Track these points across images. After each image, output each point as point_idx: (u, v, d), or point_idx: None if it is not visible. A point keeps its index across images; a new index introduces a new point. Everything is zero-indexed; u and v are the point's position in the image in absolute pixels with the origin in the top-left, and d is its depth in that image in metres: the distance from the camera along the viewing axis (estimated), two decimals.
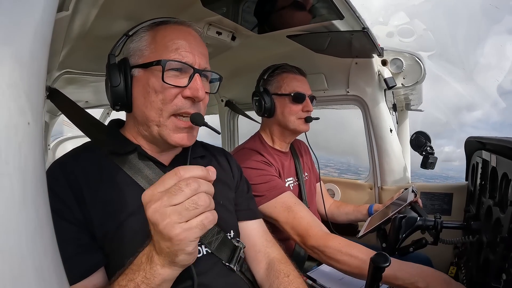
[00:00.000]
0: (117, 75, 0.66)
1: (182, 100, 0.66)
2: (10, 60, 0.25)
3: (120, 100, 0.67)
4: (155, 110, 0.65)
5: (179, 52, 0.66)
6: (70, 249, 0.57)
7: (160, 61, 0.63)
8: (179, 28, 0.70)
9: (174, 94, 0.65)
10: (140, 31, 0.69)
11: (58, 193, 0.59)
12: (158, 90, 0.65)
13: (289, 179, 1.28)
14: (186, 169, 0.47)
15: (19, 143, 0.25)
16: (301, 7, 1.05)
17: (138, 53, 0.68)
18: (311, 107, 1.23)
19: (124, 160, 0.68)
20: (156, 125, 0.66)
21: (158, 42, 0.67)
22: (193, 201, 0.46)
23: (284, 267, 0.81)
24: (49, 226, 0.30)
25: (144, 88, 0.66)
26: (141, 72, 0.67)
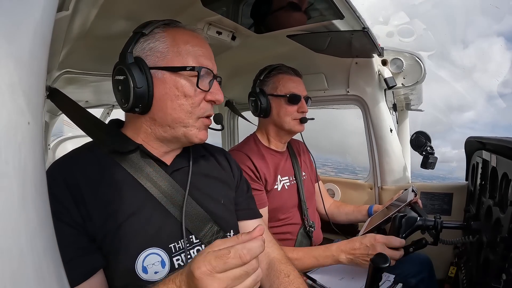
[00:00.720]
0: (140, 75, 0.64)
1: (206, 104, 0.71)
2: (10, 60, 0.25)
3: (141, 102, 0.65)
4: (184, 113, 0.68)
5: (201, 59, 0.69)
6: (70, 251, 0.56)
7: (194, 67, 0.66)
8: (194, 35, 0.72)
9: (201, 98, 0.69)
10: (156, 31, 0.68)
11: (56, 195, 0.59)
12: (188, 94, 0.67)
13: (284, 178, 1.28)
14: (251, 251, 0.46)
15: (19, 143, 0.25)
16: (301, 7, 1.05)
17: (157, 54, 0.67)
18: (306, 108, 1.25)
19: (126, 159, 0.68)
20: (184, 126, 0.69)
21: (181, 46, 0.68)
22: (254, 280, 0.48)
23: (284, 267, 0.81)
24: (49, 226, 0.30)
25: (172, 91, 0.66)
26: (167, 74, 0.66)
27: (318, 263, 1.03)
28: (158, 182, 0.69)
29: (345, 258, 0.99)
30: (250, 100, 1.27)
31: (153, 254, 0.63)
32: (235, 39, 1.23)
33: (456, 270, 1.22)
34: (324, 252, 1.02)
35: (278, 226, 1.23)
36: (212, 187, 0.80)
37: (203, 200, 0.74)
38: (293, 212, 1.28)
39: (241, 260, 0.45)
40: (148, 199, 0.67)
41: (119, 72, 0.66)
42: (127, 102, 0.65)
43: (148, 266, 0.62)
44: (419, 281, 1.13)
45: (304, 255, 1.05)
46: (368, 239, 0.95)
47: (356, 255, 0.96)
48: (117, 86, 0.68)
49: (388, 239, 0.93)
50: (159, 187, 0.69)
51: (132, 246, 0.62)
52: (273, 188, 1.22)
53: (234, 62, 1.63)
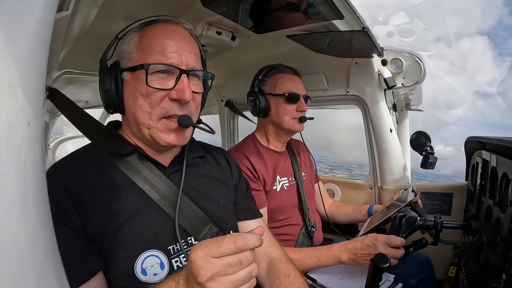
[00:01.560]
0: (107, 79, 0.66)
1: (170, 103, 0.65)
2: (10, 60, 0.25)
3: (112, 104, 0.68)
4: (144, 113, 0.65)
5: (164, 53, 0.65)
6: (69, 253, 0.56)
7: (143, 65, 0.63)
8: (166, 27, 0.68)
9: (160, 97, 0.65)
10: (129, 33, 0.69)
11: (55, 198, 0.58)
12: (144, 94, 0.64)
13: (283, 178, 1.28)
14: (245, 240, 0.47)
15: (19, 143, 0.25)
16: (301, 7, 1.05)
17: (127, 56, 0.67)
18: (305, 107, 1.24)
19: (124, 161, 0.68)
20: (147, 127, 0.66)
21: (145, 44, 0.66)
22: (248, 272, 0.48)
23: (284, 267, 0.80)
24: (49, 226, 0.30)
25: (133, 92, 0.66)
26: (130, 75, 0.67)
27: (320, 263, 1.03)
28: (156, 184, 0.69)
29: (347, 258, 0.99)
30: (249, 99, 1.27)
31: (152, 256, 0.63)
32: (235, 39, 1.23)
33: (456, 270, 1.22)
34: (326, 252, 1.02)
35: (278, 227, 1.23)
36: (211, 188, 0.79)
37: (202, 201, 0.74)
38: (292, 212, 1.28)
39: (235, 245, 0.46)
40: (146, 201, 0.67)
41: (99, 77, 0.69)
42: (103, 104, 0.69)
43: (147, 268, 0.62)
44: (419, 281, 1.13)
45: (306, 256, 1.05)
46: (369, 238, 0.96)
47: (358, 254, 0.97)
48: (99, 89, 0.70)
49: (389, 238, 0.93)
50: (157, 189, 0.68)
51: (131, 248, 0.62)
52: (272, 189, 1.22)
53: (234, 62, 1.63)
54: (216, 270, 0.45)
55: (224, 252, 0.46)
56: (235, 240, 0.46)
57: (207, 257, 0.46)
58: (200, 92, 0.71)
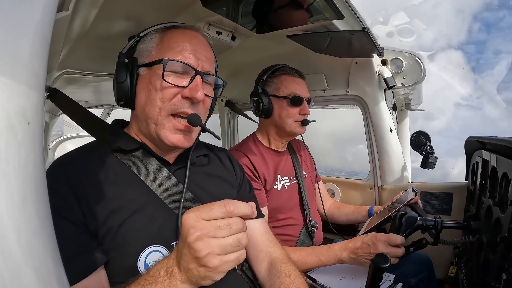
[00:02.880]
0: (123, 72, 0.69)
1: (181, 100, 0.67)
2: (10, 60, 0.25)
3: (124, 96, 0.70)
4: (154, 107, 0.67)
5: (182, 54, 0.67)
6: (70, 248, 0.56)
7: (162, 59, 0.65)
8: (186, 32, 0.72)
9: (173, 93, 0.66)
10: (150, 33, 0.72)
11: (58, 191, 0.59)
12: (158, 88, 0.66)
13: (284, 178, 1.28)
14: (235, 205, 0.48)
15: (19, 143, 0.25)
16: (301, 7, 1.05)
17: (145, 53, 0.70)
18: (308, 111, 1.25)
19: (129, 158, 0.69)
20: (154, 123, 0.67)
21: (164, 44, 0.69)
22: (237, 239, 0.48)
23: (285, 267, 0.81)
24: (49, 226, 0.30)
25: (146, 86, 0.68)
26: (146, 70, 0.69)
27: (321, 262, 1.03)
28: (161, 181, 0.69)
29: (347, 257, 0.99)
30: (252, 100, 1.27)
31: (155, 251, 0.63)
32: (235, 39, 1.23)
33: (456, 270, 1.22)
34: (327, 252, 1.03)
35: (278, 227, 1.23)
36: (215, 186, 0.80)
37: (205, 198, 0.75)
38: (294, 212, 1.28)
39: (225, 208, 0.47)
40: (151, 197, 0.67)
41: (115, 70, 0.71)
42: (114, 96, 0.70)
43: (150, 264, 0.62)
44: (419, 281, 1.13)
45: (307, 255, 1.05)
46: (369, 237, 0.96)
47: (358, 254, 0.97)
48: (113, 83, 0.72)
49: (389, 237, 0.93)
50: (162, 186, 0.69)
51: (135, 243, 0.62)
52: (273, 188, 1.22)
53: (234, 62, 1.63)
54: (205, 230, 0.46)
55: (214, 215, 0.47)
56: (226, 204, 0.48)
57: (198, 218, 0.47)
58: (211, 96, 0.74)
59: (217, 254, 0.47)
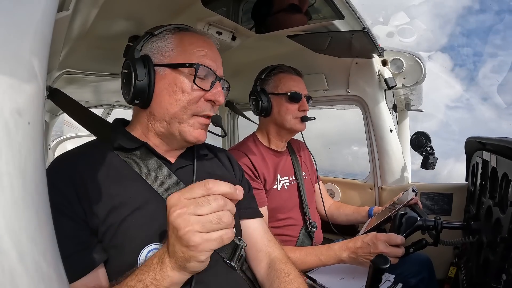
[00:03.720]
0: (142, 69, 0.68)
1: (205, 103, 0.71)
2: (10, 60, 0.25)
3: (141, 95, 0.69)
4: (180, 108, 0.69)
5: (205, 60, 0.70)
6: (70, 246, 0.57)
7: (193, 64, 0.68)
8: (202, 38, 0.74)
9: (199, 96, 0.70)
10: (164, 32, 0.73)
11: (59, 187, 0.59)
12: (186, 90, 0.69)
13: (284, 178, 1.28)
14: (216, 183, 0.49)
15: (19, 143, 0.25)
16: (301, 7, 1.05)
17: (163, 52, 0.71)
18: (307, 107, 1.25)
19: (130, 156, 0.70)
20: (178, 122, 0.70)
21: (186, 47, 0.71)
22: (218, 216, 0.48)
23: (284, 266, 0.81)
24: (49, 226, 0.30)
25: (171, 87, 0.69)
26: (168, 71, 0.70)
27: (321, 262, 1.03)
28: (162, 179, 0.70)
29: (347, 256, 0.99)
30: (251, 99, 1.27)
31: (156, 249, 0.63)
32: (235, 40, 1.23)
33: (456, 270, 1.22)
34: (327, 251, 1.02)
35: (278, 227, 1.23)
36: None
37: None
38: (293, 212, 1.28)
39: (204, 186, 0.49)
40: (152, 195, 0.68)
41: (126, 66, 0.71)
42: (128, 94, 0.69)
43: None
44: (419, 281, 1.13)
45: (306, 255, 1.05)
46: (369, 237, 0.96)
47: (358, 253, 0.96)
48: (123, 79, 0.72)
49: (389, 237, 0.93)
50: (163, 184, 0.69)
51: (135, 241, 0.62)
52: (272, 188, 1.22)
53: (234, 62, 1.63)
54: (184, 208, 0.47)
55: (195, 193, 0.48)
56: (206, 182, 0.49)
57: (180, 197, 0.49)
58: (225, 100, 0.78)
59: (197, 231, 0.47)
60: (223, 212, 0.49)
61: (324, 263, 1.03)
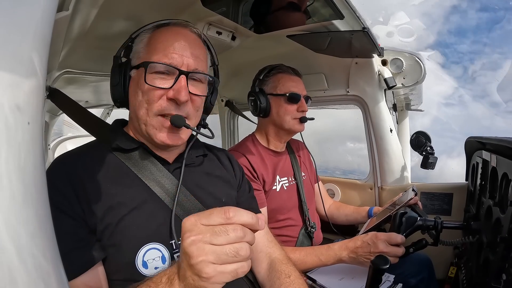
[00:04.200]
0: (116, 75, 0.71)
1: (167, 102, 0.67)
2: (10, 60, 0.25)
3: (118, 97, 0.72)
4: (142, 109, 0.68)
5: (165, 54, 0.66)
6: (69, 243, 0.57)
7: (143, 63, 0.66)
8: (174, 29, 0.70)
9: (158, 95, 0.67)
10: (142, 33, 0.72)
11: (58, 187, 0.60)
12: (143, 91, 0.67)
13: (283, 179, 1.28)
14: (237, 212, 0.46)
15: (19, 143, 0.25)
16: (301, 7, 1.05)
17: (136, 55, 0.71)
18: (306, 107, 1.24)
19: (129, 157, 0.70)
20: (144, 123, 0.68)
21: (151, 45, 0.69)
22: (235, 248, 0.44)
23: (285, 267, 0.81)
24: (48, 224, 0.30)
25: (135, 88, 0.69)
26: (135, 72, 0.70)
27: (321, 262, 1.03)
28: (159, 180, 0.70)
29: (347, 256, 0.99)
30: (250, 99, 1.27)
31: (153, 249, 0.64)
32: (235, 39, 1.23)
33: (456, 270, 1.22)
34: (327, 251, 1.02)
35: (278, 228, 1.23)
36: (214, 185, 0.80)
37: (205, 198, 0.75)
38: (292, 213, 1.28)
39: (224, 214, 0.45)
40: (150, 195, 0.68)
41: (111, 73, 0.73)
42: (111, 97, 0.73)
43: (148, 261, 0.62)
44: (419, 281, 1.13)
45: (306, 255, 1.05)
46: (369, 236, 0.95)
47: (358, 253, 0.96)
48: None
49: (389, 236, 0.93)
50: (161, 184, 0.69)
51: (133, 240, 0.62)
52: (272, 189, 1.22)
53: (234, 62, 1.63)
54: (200, 235, 0.44)
55: (213, 220, 0.45)
56: (226, 209, 0.45)
57: (196, 222, 0.45)
58: (201, 95, 0.72)
59: (211, 262, 0.43)
60: (241, 244, 0.45)
61: (324, 263, 1.03)
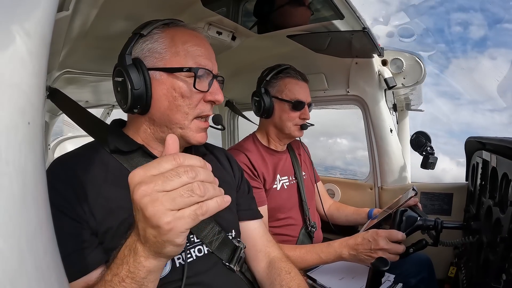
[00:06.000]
0: (137, 76, 0.65)
1: (204, 104, 0.70)
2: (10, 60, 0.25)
3: (139, 103, 0.66)
4: (181, 113, 0.67)
5: (201, 59, 0.68)
6: (70, 245, 0.56)
7: (191, 68, 0.66)
8: (194, 34, 0.71)
9: (199, 99, 0.69)
10: (154, 31, 0.68)
11: (59, 189, 0.59)
12: (186, 95, 0.67)
13: (283, 178, 1.28)
14: (185, 156, 0.44)
15: (19, 143, 0.25)
16: (301, 7, 1.05)
17: (155, 55, 0.67)
18: (309, 115, 1.26)
19: (128, 159, 0.69)
20: (180, 127, 0.69)
21: (180, 47, 0.67)
22: (188, 188, 0.41)
23: (285, 265, 0.81)
24: (49, 226, 0.30)
25: (169, 92, 0.67)
26: (164, 75, 0.67)
27: (321, 259, 1.02)
28: None
29: (347, 253, 0.98)
30: (254, 99, 1.27)
31: None
32: (235, 39, 1.23)
33: (456, 270, 1.22)
34: (327, 249, 1.02)
35: (278, 227, 1.23)
36: None
37: None
38: (293, 212, 1.28)
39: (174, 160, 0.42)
40: None
41: (118, 73, 0.67)
42: (126, 103, 0.66)
43: None
44: (419, 281, 1.13)
45: (307, 252, 1.05)
46: (370, 234, 0.95)
47: (359, 250, 0.96)
48: (117, 87, 0.69)
49: (390, 233, 0.92)
50: None
51: None
52: (272, 187, 1.22)
53: (234, 62, 1.63)
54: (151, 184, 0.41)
55: (163, 167, 0.42)
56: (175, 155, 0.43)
57: (146, 173, 0.42)
58: None
59: (168, 209, 0.40)
60: (194, 183, 0.42)
61: (324, 260, 1.02)
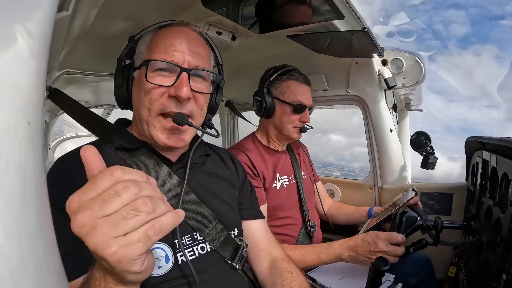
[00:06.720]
0: (120, 76, 0.71)
1: (168, 100, 0.66)
2: (10, 60, 0.25)
3: (122, 99, 0.72)
4: (144, 109, 0.68)
5: (167, 52, 0.66)
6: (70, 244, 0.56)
7: (144, 61, 0.67)
8: (176, 29, 0.71)
9: (159, 93, 0.66)
10: (144, 35, 0.73)
11: (60, 187, 0.59)
12: (145, 89, 0.67)
13: (283, 177, 1.29)
14: (124, 170, 0.37)
15: (19, 143, 0.25)
16: (301, 7, 1.05)
17: (139, 56, 0.71)
18: (309, 119, 1.27)
19: (131, 156, 0.70)
20: (146, 123, 0.68)
21: (153, 44, 0.69)
22: (131, 207, 0.35)
23: (287, 265, 0.81)
24: (49, 226, 0.30)
25: (138, 88, 0.70)
26: (137, 73, 0.71)
27: (320, 260, 1.02)
28: (163, 179, 0.70)
29: (347, 255, 0.98)
30: (256, 99, 1.28)
31: (157, 248, 0.63)
32: (235, 39, 1.23)
33: (456, 270, 1.22)
34: (327, 249, 1.02)
35: (278, 226, 1.23)
36: (217, 185, 0.80)
37: (207, 198, 0.75)
38: (292, 211, 1.28)
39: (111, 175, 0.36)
40: None
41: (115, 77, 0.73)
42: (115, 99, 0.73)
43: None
44: (419, 281, 1.13)
45: (306, 253, 1.05)
46: (370, 235, 0.95)
47: (358, 252, 0.96)
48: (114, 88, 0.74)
49: (390, 235, 0.93)
50: (164, 184, 0.69)
51: None
52: (272, 186, 1.23)
53: (234, 62, 1.63)
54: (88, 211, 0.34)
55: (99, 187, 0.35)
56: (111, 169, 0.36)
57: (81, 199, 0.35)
58: (204, 92, 0.71)
59: (111, 238, 0.34)
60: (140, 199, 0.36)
61: (324, 261, 1.02)
